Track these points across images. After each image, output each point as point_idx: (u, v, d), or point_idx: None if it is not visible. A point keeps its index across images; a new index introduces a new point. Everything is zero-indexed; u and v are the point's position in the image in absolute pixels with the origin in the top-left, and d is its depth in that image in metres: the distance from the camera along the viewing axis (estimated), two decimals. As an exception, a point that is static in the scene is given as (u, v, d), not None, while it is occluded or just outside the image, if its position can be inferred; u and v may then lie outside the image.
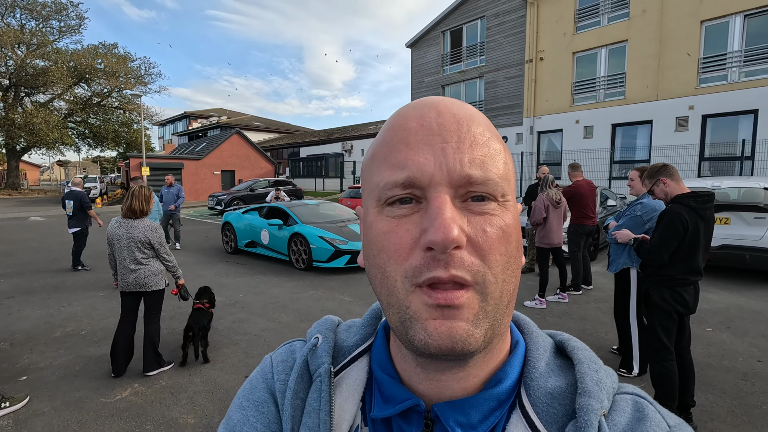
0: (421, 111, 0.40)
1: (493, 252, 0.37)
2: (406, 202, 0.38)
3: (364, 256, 0.43)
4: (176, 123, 52.39)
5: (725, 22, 12.18)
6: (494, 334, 0.38)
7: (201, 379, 3.39)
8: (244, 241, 8.58)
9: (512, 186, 0.41)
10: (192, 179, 25.51)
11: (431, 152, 0.38)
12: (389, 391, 0.43)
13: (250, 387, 0.49)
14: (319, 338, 0.49)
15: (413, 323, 0.37)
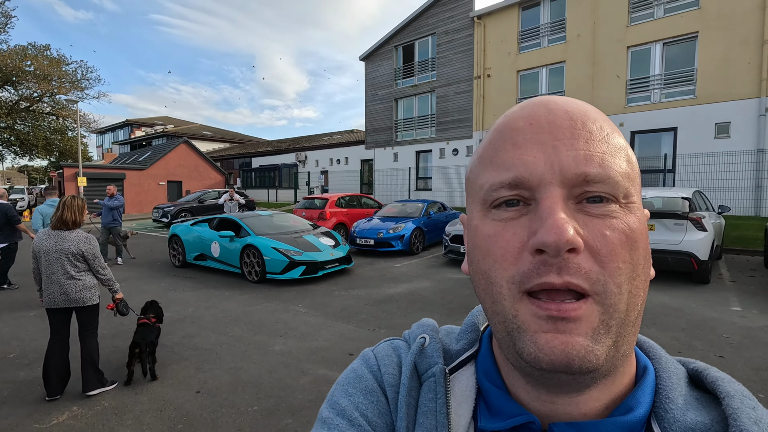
0: (530, 110, 0.38)
1: (615, 258, 0.33)
2: (513, 204, 0.36)
3: (468, 261, 0.41)
4: (117, 131, 49.46)
5: (648, 48, 13.49)
6: (618, 353, 0.34)
7: (148, 397, 3.25)
8: (193, 254, 8.26)
9: (637, 186, 0.37)
10: (135, 190, 24.14)
11: (541, 150, 0.35)
12: (498, 404, 0.40)
13: (355, 376, 0.47)
14: (426, 338, 0.47)
15: (521, 335, 0.34)
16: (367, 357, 0.49)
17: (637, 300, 0.35)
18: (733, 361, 3.67)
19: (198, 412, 3.01)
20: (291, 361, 3.88)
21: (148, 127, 45.45)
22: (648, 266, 0.36)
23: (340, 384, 0.47)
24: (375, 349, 0.50)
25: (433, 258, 9.06)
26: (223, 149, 39.36)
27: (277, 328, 4.80)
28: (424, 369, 0.45)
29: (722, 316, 4.86)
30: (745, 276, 6.79)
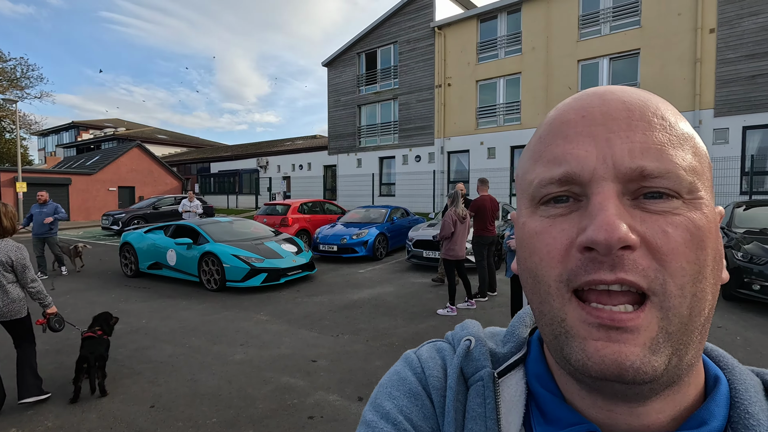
0: (583, 101, 0.35)
1: (678, 257, 0.30)
2: (562, 201, 0.34)
3: (517, 260, 0.39)
4: (62, 133, 46.44)
5: (596, 63, 14.35)
6: (681, 363, 0.32)
7: (97, 414, 3.07)
8: (147, 262, 7.88)
9: (706, 181, 0.34)
10: (82, 196, 22.74)
11: (593, 144, 0.33)
12: (553, 411, 0.38)
13: (398, 378, 0.45)
14: (471, 340, 0.45)
15: (569, 340, 0.32)
16: (410, 359, 0.47)
17: (703, 304, 0.32)
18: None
19: (152, 428, 2.88)
20: (252, 370, 3.79)
21: (97, 129, 43.01)
22: (719, 269, 0.33)
23: (384, 386, 0.45)
24: (418, 351, 0.48)
25: (396, 263, 9.14)
26: (179, 154, 37.90)
27: (238, 337, 4.67)
28: (470, 372, 0.42)
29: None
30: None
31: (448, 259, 5.60)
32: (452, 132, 17.58)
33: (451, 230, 5.53)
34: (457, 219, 5.60)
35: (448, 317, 5.32)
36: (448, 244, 5.58)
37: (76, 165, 26.67)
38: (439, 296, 6.26)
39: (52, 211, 7.89)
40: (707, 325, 0.32)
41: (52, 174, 22.68)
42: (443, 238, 5.58)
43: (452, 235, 5.55)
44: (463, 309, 5.66)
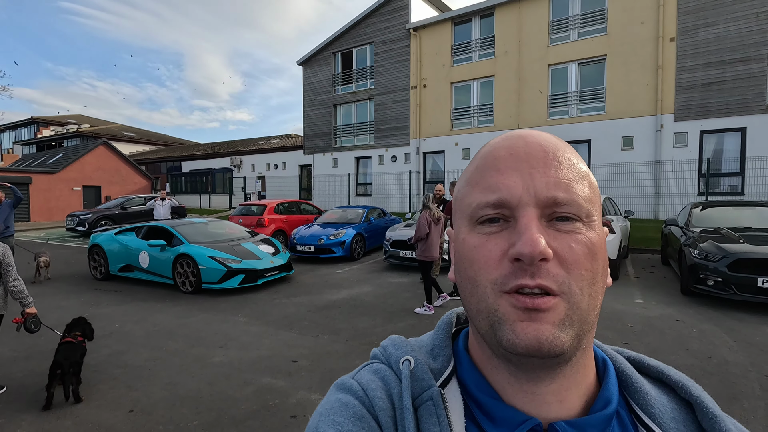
0: (510, 141, 0.44)
1: (579, 267, 0.39)
2: (495, 221, 0.42)
3: (456, 270, 0.46)
4: (19, 129, 44.16)
5: (565, 67, 14.87)
6: (580, 345, 0.40)
7: (73, 421, 3.01)
8: (118, 265, 7.67)
9: (598, 207, 0.43)
10: (43, 196, 21.75)
11: (519, 176, 0.41)
12: (499, 413, 0.43)
13: (340, 404, 0.45)
14: (411, 360, 0.48)
15: (502, 325, 0.39)
16: (349, 384, 0.48)
17: (596, 302, 0.41)
18: (635, 347, 4.20)
19: (132, 432, 2.86)
20: (232, 372, 3.79)
21: (59, 125, 41.11)
22: (606, 275, 0.42)
23: (324, 414, 0.45)
24: (356, 376, 0.49)
25: (373, 263, 9.22)
26: (148, 152, 36.73)
27: (216, 339, 4.65)
28: (417, 393, 0.45)
29: (628, 308, 5.52)
30: (647, 272, 7.74)
31: (424, 260, 5.73)
32: (428, 133, 17.81)
33: (426, 232, 5.66)
34: (432, 221, 5.73)
35: (425, 316, 5.45)
36: (422, 246, 5.70)
37: (36, 163, 25.45)
38: (416, 295, 6.39)
39: (8, 209, 7.05)
40: (596, 319, 0.42)
41: (11, 173, 21.56)
42: (418, 239, 5.69)
43: (427, 237, 5.68)
44: (440, 307, 5.80)
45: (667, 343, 4.27)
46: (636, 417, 0.45)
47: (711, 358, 3.89)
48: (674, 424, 0.43)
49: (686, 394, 0.46)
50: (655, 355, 3.97)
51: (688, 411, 0.45)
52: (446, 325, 0.53)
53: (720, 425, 0.43)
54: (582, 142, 14.58)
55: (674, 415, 0.44)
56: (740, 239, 5.64)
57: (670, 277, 7.23)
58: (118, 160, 25.39)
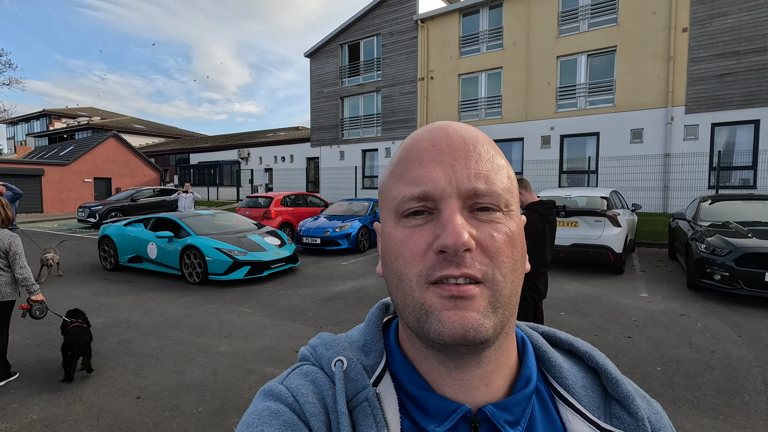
0: (432, 134, 0.44)
1: (501, 255, 0.40)
2: (419, 214, 0.42)
3: (382, 264, 0.47)
4: (32, 122, 44.75)
5: (574, 59, 14.66)
6: (503, 329, 0.42)
7: (82, 406, 3.10)
8: (127, 256, 7.80)
9: (516, 197, 0.45)
10: (56, 188, 22.08)
11: (442, 169, 0.42)
12: (432, 404, 0.44)
13: (269, 413, 0.43)
14: (344, 361, 0.47)
15: (428, 316, 0.40)
16: (278, 391, 0.46)
17: (517, 288, 0.43)
18: (638, 340, 4.20)
19: (139, 418, 2.94)
20: (237, 361, 3.86)
21: (70, 118, 41.58)
22: (524, 261, 0.44)
23: (251, 425, 0.42)
24: (284, 382, 0.48)
25: (378, 256, 9.25)
26: (157, 144, 37.04)
27: (222, 329, 4.73)
28: (352, 394, 0.44)
29: (632, 302, 5.50)
30: (653, 266, 7.68)
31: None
32: (435, 125, 17.69)
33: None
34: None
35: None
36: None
37: (49, 155, 25.81)
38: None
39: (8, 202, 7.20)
40: (517, 303, 0.44)
41: (24, 164, 21.92)
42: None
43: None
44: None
45: (671, 337, 4.26)
46: (553, 389, 0.48)
47: (714, 353, 3.87)
48: (584, 392, 0.47)
49: (593, 363, 0.50)
50: (658, 348, 3.97)
51: (594, 377, 0.49)
52: (376, 318, 0.53)
53: (622, 387, 0.47)
54: (590, 135, 14.41)
55: (584, 383, 0.48)
56: (749, 233, 5.58)
57: (677, 272, 7.17)
58: (127, 153, 25.65)
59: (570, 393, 0.47)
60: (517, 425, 0.43)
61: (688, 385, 3.30)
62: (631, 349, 4.01)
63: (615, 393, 0.47)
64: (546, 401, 0.47)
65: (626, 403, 0.46)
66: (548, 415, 0.46)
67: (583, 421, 0.45)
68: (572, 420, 0.45)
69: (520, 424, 0.43)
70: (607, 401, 0.47)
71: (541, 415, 0.46)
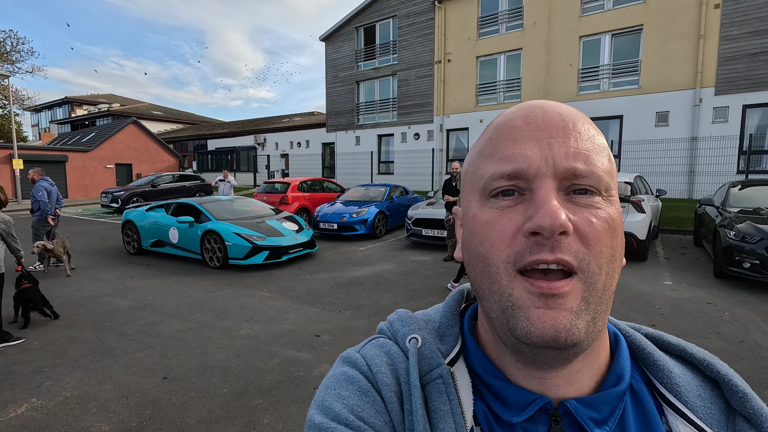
0: (527, 110, 0.41)
1: (599, 243, 0.37)
2: (509, 194, 0.39)
3: (464, 248, 0.44)
4: (55, 109, 45.76)
5: (598, 39, 14.14)
6: (596, 329, 0.38)
7: (113, 385, 3.21)
8: (150, 240, 7.98)
9: (616, 182, 0.41)
10: (79, 174, 22.65)
11: (537, 146, 0.38)
12: (509, 394, 0.42)
13: (345, 378, 0.45)
14: (418, 339, 0.47)
15: (515, 311, 0.37)
16: (354, 359, 0.47)
17: (612, 281, 0.39)
18: (662, 329, 4.08)
19: (166, 398, 3.03)
20: (258, 344, 3.93)
21: (91, 105, 42.36)
22: (623, 253, 0.41)
23: (330, 387, 0.45)
24: (362, 350, 0.48)
25: (395, 241, 9.26)
26: (175, 130, 37.48)
27: (243, 313, 4.81)
28: (425, 371, 0.44)
29: (656, 289, 5.38)
30: (677, 253, 7.49)
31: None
32: (451, 109, 17.45)
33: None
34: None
35: (449, 292, 5.47)
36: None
37: (71, 142, 26.42)
38: (438, 273, 6.40)
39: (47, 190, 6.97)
40: (612, 298, 0.40)
41: (48, 151, 22.49)
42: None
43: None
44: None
45: (697, 326, 4.16)
46: (659, 395, 0.44)
47: (743, 342, 3.77)
48: (701, 402, 0.42)
49: (712, 372, 0.44)
50: (684, 337, 3.85)
51: (713, 389, 0.44)
52: (455, 302, 0.52)
53: (752, 403, 0.41)
54: (613, 118, 13.99)
55: (700, 392, 0.43)
56: (781, 220, 5.36)
57: (703, 259, 6.97)
58: (147, 139, 26.05)
59: (681, 401, 0.42)
60: (604, 425, 0.40)
61: (715, 375, 3.22)
62: (656, 337, 3.93)
63: (742, 408, 0.41)
64: (646, 405, 0.43)
65: (758, 420, 0.40)
66: (646, 420, 0.42)
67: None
68: (683, 430, 0.41)
69: (607, 423, 0.40)
70: (729, 416, 0.42)
71: (636, 419, 0.42)
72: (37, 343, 4.00)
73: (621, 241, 0.40)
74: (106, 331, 4.30)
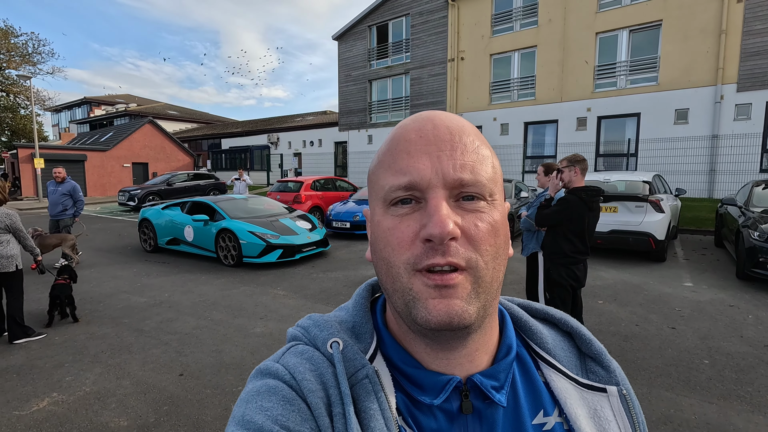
0: (419, 124, 0.46)
1: (484, 243, 0.42)
2: (407, 202, 0.44)
3: (372, 251, 0.48)
4: (74, 109, 46.79)
5: (615, 35, 13.88)
6: (486, 313, 0.44)
7: (131, 381, 3.26)
8: (165, 238, 8.10)
9: (500, 187, 0.47)
10: (97, 173, 23.12)
11: (428, 159, 0.43)
12: (425, 380, 0.46)
13: (267, 389, 0.45)
14: (339, 342, 0.48)
15: (416, 303, 0.42)
16: (275, 369, 0.47)
17: (498, 273, 0.45)
18: (683, 332, 4.02)
19: (183, 394, 3.06)
20: (273, 342, 3.96)
21: (109, 105, 43.22)
22: (507, 248, 0.46)
23: (249, 401, 0.44)
24: (280, 360, 0.49)
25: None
26: (190, 130, 38.00)
27: (257, 311, 4.85)
28: (350, 372, 0.46)
29: (675, 291, 5.26)
30: (697, 254, 7.31)
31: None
32: (464, 108, 17.32)
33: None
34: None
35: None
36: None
37: (90, 141, 26.98)
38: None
39: (70, 190, 7.16)
40: (500, 287, 0.46)
41: (68, 150, 23.00)
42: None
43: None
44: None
45: (719, 329, 4.05)
46: (536, 354, 0.53)
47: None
48: (563, 353, 0.53)
49: (567, 327, 0.56)
50: (705, 341, 3.79)
51: (569, 340, 0.55)
52: (364, 300, 0.54)
53: (595, 346, 0.53)
54: (631, 116, 13.72)
55: (562, 345, 0.54)
56: (808, 221, 5.19)
57: (724, 260, 6.80)
58: (163, 138, 26.45)
59: (551, 355, 0.52)
60: (501, 389, 0.47)
61: (739, 380, 3.13)
62: (676, 340, 3.84)
63: (589, 351, 0.54)
64: (527, 364, 0.51)
65: (600, 358, 0.53)
66: (529, 378, 0.51)
67: (565, 378, 0.51)
68: (555, 379, 0.51)
69: (504, 388, 0.47)
70: (582, 359, 0.54)
71: (522, 379, 0.50)
72: (58, 339, 4.09)
73: (503, 238, 0.45)
74: (123, 327, 4.38)
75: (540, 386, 0.50)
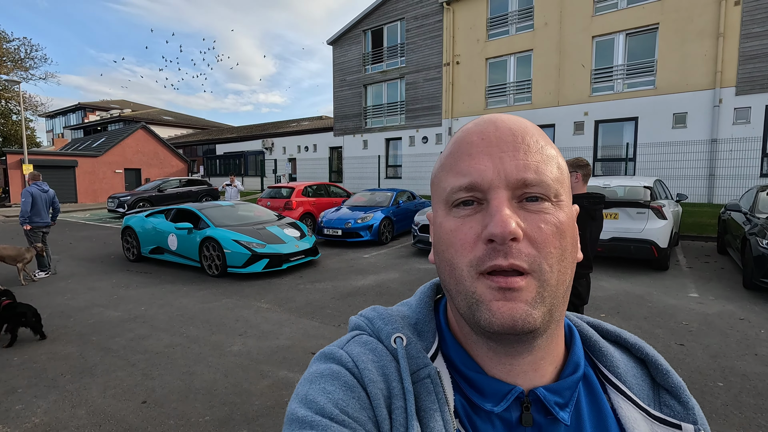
0: (481, 127, 0.45)
1: (548, 245, 0.41)
2: (469, 204, 0.43)
3: (435, 253, 0.48)
4: (69, 115, 46.42)
5: (611, 39, 13.72)
6: (552, 319, 0.42)
7: (86, 410, 2.94)
8: (149, 247, 7.77)
9: (566, 188, 0.45)
10: (88, 178, 22.74)
11: (490, 160, 0.43)
12: (486, 386, 0.45)
13: (330, 373, 0.46)
14: (403, 338, 0.49)
15: (479, 306, 0.41)
16: (339, 355, 0.48)
17: (565, 277, 0.43)
18: (692, 349, 3.73)
19: (142, 426, 2.75)
20: (249, 363, 3.65)
21: (103, 110, 42.85)
22: (575, 251, 0.45)
23: (314, 382, 0.45)
24: (345, 347, 0.49)
25: (401, 248, 8.95)
26: (185, 135, 37.68)
27: (237, 326, 4.54)
28: (413, 370, 0.46)
29: (681, 303, 4.98)
30: (701, 262, 7.05)
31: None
32: (460, 112, 17.12)
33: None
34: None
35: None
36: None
37: (82, 147, 26.62)
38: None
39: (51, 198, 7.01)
40: (568, 292, 0.44)
41: (59, 156, 22.62)
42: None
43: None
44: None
45: (731, 346, 3.77)
46: (604, 377, 0.50)
47: (785, 366, 3.37)
48: (635, 381, 0.50)
49: (642, 354, 0.52)
50: (716, 359, 3.50)
51: (643, 368, 0.52)
52: (428, 298, 0.54)
53: (673, 378, 0.50)
54: (628, 120, 13.53)
55: (634, 372, 0.51)
56: (819, 228, 4.93)
57: (729, 268, 6.53)
58: (156, 144, 26.12)
59: (621, 381, 0.49)
60: (566, 407, 0.45)
61: (758, 406, 2.84)
62: (685, 359, 3.56)
63: (665, 383, 0.50)
64: (594, 387, 0.49)
65: (677, 392, 0.49)
66: (595, 400, 0.48)
67: (634, 407, 0.47)
68: (623, 406, 0.48)
69: (568, 406, 0.45)
70: (656, 391, 0.50)
71: (587, 399, 0.48)
72: (16, 359, 3.77)
73: (571, 240, 0.44)
74: (90, 346, 4.05)
75: (607, 411, 0.47)
